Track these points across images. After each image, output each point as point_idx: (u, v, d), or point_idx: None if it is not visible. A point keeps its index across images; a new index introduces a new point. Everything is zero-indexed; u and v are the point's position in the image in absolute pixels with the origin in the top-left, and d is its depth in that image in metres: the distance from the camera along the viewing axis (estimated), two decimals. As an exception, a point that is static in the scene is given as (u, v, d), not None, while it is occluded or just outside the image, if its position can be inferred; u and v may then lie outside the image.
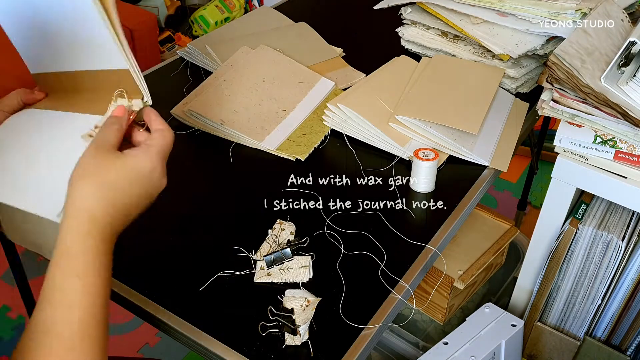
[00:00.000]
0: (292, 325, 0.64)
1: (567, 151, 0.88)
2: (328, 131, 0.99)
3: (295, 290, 0.70)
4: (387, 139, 0.93)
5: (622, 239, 0.88)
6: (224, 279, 0.73)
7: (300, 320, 0.65)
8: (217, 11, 2.89)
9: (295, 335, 0.65)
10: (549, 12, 1.02)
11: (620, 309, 0.95)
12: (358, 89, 1.02)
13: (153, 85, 1.16)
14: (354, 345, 0.65)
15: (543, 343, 1.07)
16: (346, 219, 0.82)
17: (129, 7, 2.53)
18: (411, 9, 1.17)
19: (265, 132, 0.97)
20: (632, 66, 0.77)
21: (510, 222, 1.21)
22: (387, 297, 0.71)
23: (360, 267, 0.75)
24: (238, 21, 1.30)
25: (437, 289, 1.09)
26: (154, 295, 0.71)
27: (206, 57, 1.15)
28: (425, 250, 0.78)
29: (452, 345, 0.92)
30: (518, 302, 1.10)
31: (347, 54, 1.23)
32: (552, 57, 0.79)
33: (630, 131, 0.79)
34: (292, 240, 0.78)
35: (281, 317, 0.66)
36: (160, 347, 1.62)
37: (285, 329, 0.65)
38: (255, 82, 1.06)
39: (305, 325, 0.65)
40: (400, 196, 0.87)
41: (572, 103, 0.81)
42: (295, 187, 0.88)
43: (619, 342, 1.00)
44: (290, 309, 0.66)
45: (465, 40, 1.12)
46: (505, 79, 1.09)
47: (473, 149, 0.93)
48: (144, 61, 2.47)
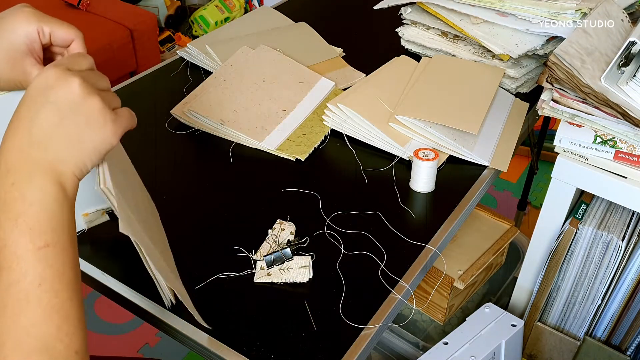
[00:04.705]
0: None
1: (567, 151, 0.88)
2: (328, 131, 0.99)
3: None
4: (387, 139, 0.93)
5: (622, 239, 0.88)
6: (224, 279, 0.73)
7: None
8: (217, 11, 2.89)
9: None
10: (549, 12, 1.02)
11: (620, 309, 0.95)
12: (358, 89, 1.02)
13: (153, 85, 1.17)
14: (354, 345, 0.65)
15: (543, 343, 1.06)
16: (346, 219, 0.82)
17: (129, 7, 2.53)
18: (411, 9, 1.17)
19: (265, 132, 0.97)
20: (632, 66, 0.77)
21: (510, 222, 1.21)
22: (387, 297, 0.71)
23: (360, 267, 0.75)
24: (238, 21, 1.30)
25: (437, 289, 1.09)
26: (153, 295, 0.71)
27: (206, 57, 1.15)
28: (425, 250, 0.78)
29: (452, 345, 0.92)
30: (518, 302, 1.10)
31: (347, 54, 1.23)
32: (552, 57, 0.79)
33: (630, 131, 0.79)
34: (292, 240, 0.78)
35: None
36: (160, 347, 1.62)
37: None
38: (255, 82, 1.06)
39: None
40: (400, 196, 0.87)
41: (572, 103, 0.81)
42: (295, 187, 0.88)
43: (619, 342, 0.99)
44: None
45: (465, 40, 1.12)
46: (505, 79, 1.09)
47: (473, 149, 0.93)
48: (144, 61, 2.47)
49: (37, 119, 0.48)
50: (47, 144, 0.48)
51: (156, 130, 1.00)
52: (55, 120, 0.48)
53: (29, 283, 0.45)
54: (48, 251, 0.46)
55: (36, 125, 0.48)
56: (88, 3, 2.46)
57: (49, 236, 0.47)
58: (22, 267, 0.45)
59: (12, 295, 0.45)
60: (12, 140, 0.48)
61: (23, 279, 0.45)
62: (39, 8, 0.60)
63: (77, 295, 0.48)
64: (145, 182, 0.78)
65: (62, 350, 0.46)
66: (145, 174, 0.78)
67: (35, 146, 0.48)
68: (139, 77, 1.17)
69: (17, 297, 0.45)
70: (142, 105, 1.06)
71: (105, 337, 1.65)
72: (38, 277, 0.46)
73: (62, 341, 0.46)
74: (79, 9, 2.46)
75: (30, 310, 0.45)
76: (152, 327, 0.72)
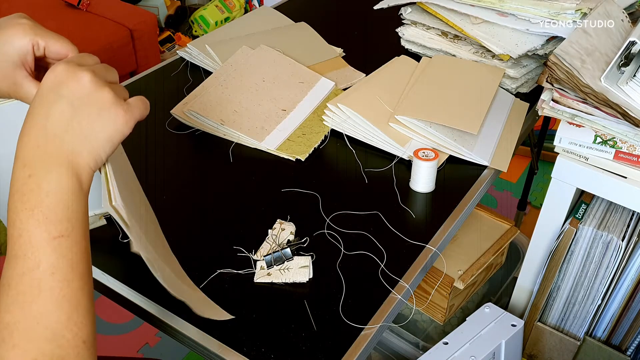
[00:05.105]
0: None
1: (567, 151, 0.88)
2: (328, 131, 0.99)
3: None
4: (387, 139, 0.93)
5: (622, 239, 0.88)
6: (224, 279, 0.73)
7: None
8: (217, 11, 2.89)
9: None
10: (549, 12, 1.02)
11: (620, 309, 0.95)
12: (358, 89, 1.02)
13: (153, 85, 1.17)
14: (354, 345, 0.65)
15: (543, 343, 1.06)
16: (346, 219, 0.82)
17: (129, 7, 2.53)
18: (411, 9, 1.17)
19: (265, 132, 0.97)
20: (632, 66, 0.77)
21: (510, 222, 1.21)
22: (387, 297, 0.71)
23: (360, 267, 0.75)
24: (238, 21, 1.30)
25: (437, 289, 1.09)
26: (154, 295, 0.71)
27: (206, 57, 1.15)
28: (425, 250, 0.78)
29: (452, 345, 0.92)
30: (518, 302, 1.10)
31: (347, 54, 1.23)
32: (552, 57, 0.79)
33: (630, 131, 0.79)
34: (292, 240, 0.78)
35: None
36: (160, 347, 1.62)
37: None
38: (255, 82, 1.06)
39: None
40: (400, 196, 0.87)
41: (572, 103, 0.81)
42: (295, 187, 0.88)
43: (619, 342, 0.99)
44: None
45: (465, 40, 1.12)
46: (505, 79, 1.09)
47: (473, 149, 0.93)
48: (144, 61, 2.47)
49: (51, 115, 0.49)
50: (63, 138, 0.49)
51: (156, 130, 1.00)
52: (68, 114, 0.49)
53: (42, 272, 0.46)
54: (62, 241, 0.47)
55: (51, 120, 0.49)
56: (88, 3, 2.46)
57: (64, 226, 0.47)
58: (37, 256, 0.46)
59: (25, 284, 0.46)
60: (28, 137, 0.49)
61: (37, 268, 0.46)
62: (39, 8, 0.60)
63: (88, 286, 0.49)
64: (145, 182, 0.78)
65: (71, 339, 0.46)
66: (145, 174, 0.78)
67: (51, 140, 0.49)
68: (139, 77, 1.17)
69: (30, 285, 0.46)
70: (142, 105, 1.06)
71: (105, 337, 1.65)
72: (51, 266, 0.46)
73: (71, 330, 0.47)
74: (79, 9, 2.46)
75: (42, 298, 0.46)
76: (152, 327, 0.72)
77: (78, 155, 0.49)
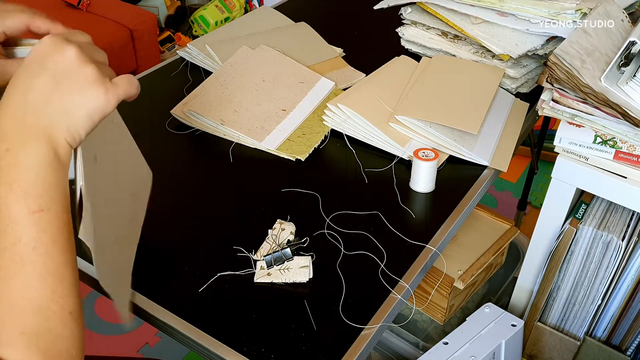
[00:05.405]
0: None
1: (567, 151, 0.88)
2: (328, 131, 0.99)
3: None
4: (387, 139, 0.93)
5: (622, 239, 0.88)
6: (224, 279, 0.73)
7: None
8: (217, 11, 2.89)
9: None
10: (549, 12, 1.02)
11: (620, 309, 0.95)
12: (358, 89, 1.02)
13: (153, 85, 1.17)
14: (354, 345, 0.65)
15: (543, 343, 1.07)
16: (346, 219, 0.82)
17: (129, 7, 2.53)
18: (411, 9, 1.17)
19: (265, 132, 0.97)
20: (632, 66, 0.77)
21: (510, 222, 1.21)
22: (387, 297, 0.71)
23: (360, 267, 0.75)
24: (238, 21, 1.30)
25: (437, 289, 1.09)
26: (154, 295, 0.71)
27: (206, 57, 1.15)
28: (425, 250, 0.78)
29: (452, 345, 0.92)
30: (518, 302, 1.10)
31: (347, 54, 1.23)
32: (552, 57, 0.79)
33: (630, 131, 0.79)
34: (292, 240, 0.78)
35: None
36: (160, 347, 1.62)
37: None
38: (255, 82, 1.06)
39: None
40: (400, 196, 0.87)
41: (572, 103, 0.81)
42: (295, 187, 0.88)
43: (619, 342, 0.99)
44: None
45: (465, 40, 1.12)
46: (505, 79, 1.09)
47: (473, 149, 0.93)
48: (144, 61, 2.47)
49: (33, 86, 0.49)
50: (42, 111, 0.48)
51: (156, 130, 1.00)
52: (50, 87, 0.49)
53: (23, 246, 0.46)
54: (42, 215, 0.47)
55: (32, 92, 0.49)
56: (88, 3, 2.46)
57: (43, 201, 0.47)
58: (17, 231, 0.46)
59: (7, 258, 0.46)
60: (7, 108, 0.48)
61: (18, 243, 0.46)
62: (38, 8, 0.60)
63: (72, 260, 0.49)
64: (145, 182, 0.78)
65: (57, 310, 0.46)
66: (145, 174, 0.78)
67: (30, 113, 0.48)
68: (139, 77, 1.17)
69: (12, 260, 0.46)
70: (142, 105, 1.06)
71: (105, 337, 1.65)
72: (32, 240, 0.46)
73: (57, 303, 0.47)
74: (79, 9, 2.46)
75: (25, 272, 0.46)
76: (152, 327, 0.72)
77: (56, 129, 0.49)
